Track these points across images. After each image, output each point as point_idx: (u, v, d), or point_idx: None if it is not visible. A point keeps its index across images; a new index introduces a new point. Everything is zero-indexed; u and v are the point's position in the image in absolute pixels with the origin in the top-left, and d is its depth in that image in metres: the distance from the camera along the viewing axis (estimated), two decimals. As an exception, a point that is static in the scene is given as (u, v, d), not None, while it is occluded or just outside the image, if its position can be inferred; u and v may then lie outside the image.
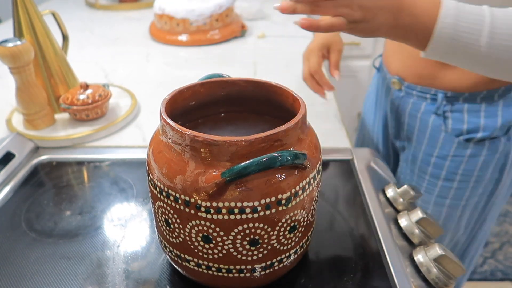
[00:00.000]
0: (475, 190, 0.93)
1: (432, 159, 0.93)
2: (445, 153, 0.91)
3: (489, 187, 0.93)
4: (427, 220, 0.64)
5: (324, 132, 0.91)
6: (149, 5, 1.92)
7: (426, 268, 0.58)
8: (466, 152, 0.88)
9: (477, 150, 0.88)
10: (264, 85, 0.57)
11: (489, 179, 0.92)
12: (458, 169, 0.91)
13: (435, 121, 0.90)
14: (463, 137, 0.87)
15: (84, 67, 1.27)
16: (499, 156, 0.88)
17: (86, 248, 0.65)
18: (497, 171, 0.90)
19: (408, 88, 0.92)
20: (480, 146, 0.87)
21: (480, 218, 0.99)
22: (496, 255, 1.93)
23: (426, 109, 0.91)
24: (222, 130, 0.60)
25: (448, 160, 0.90)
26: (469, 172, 0.90)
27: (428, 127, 0.91)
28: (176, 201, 0.47)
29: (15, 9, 0.88)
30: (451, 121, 0.88)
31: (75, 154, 0.86)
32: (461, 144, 0.88)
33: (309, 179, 0.49)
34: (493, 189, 0.94)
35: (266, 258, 0.50)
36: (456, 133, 0.88)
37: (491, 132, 0.85)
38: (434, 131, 0.91)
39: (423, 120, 0.92)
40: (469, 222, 0.99)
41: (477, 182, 0.92)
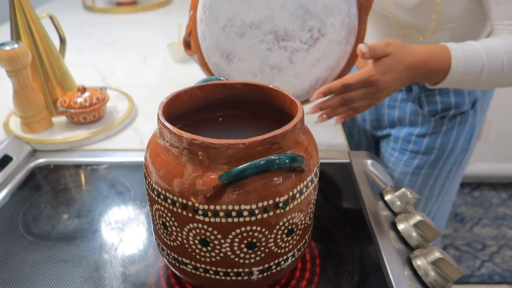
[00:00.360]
0: (448, 159, 1.04)
1: (412, 137, 1.04)
2: (424, 131, 1.02)
3: (460, 156, 1.05)
4: (424, 223, 0.64)
5: (321, 135, 0.92)
6: (146, 8, 1.92)
7: (423, 271, 0.58)
8: (442, 128, 1.00)
9: (451, 125, 1.00)
10: (262, 88, 0.57)
11: (460, 149, 1.04)
12: (435, 144, 1.02)
13: (412, 107, 1.01)
14: (439, 115, 0.99)
15: (82, 70, 1.27)
16: (468, 127, 1.01)
17: (84, 251, 0.65)
18: (467, 141, 1.04)
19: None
20: (453, 121, 0.99)
21: (451, 184, 1.11)
22: (494, 258, 1.93)
23: (403, 98, 1.02)
24: (219, 133, 0.60)
25: (426, 137, 1.02)
26: (444, 145, 1.02)
27: (407, 113, 1.02)
28: (174, 204, 0.47)
29: (13, 12, 0.88)
30: (426, 104, 0.98)
31: (72, 157, 0.86)
32: (438, 122, 1.00)
33: (307, 182, 0.49)
34: (462, 157, 1.06)
35: (264, 261, 0.50)
36: (432, 113, 0.99)
37: (461, 108, 0.98)
38: (412, 115, 1.02)
39: (401, 108, 1.03)
40: (441, 190, 1.10)
41: (450, 153, 1.03)
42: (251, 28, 0.73)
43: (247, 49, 0.75)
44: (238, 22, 0.73)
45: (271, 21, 0.73)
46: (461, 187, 2.35)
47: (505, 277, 1.84)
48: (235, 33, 0.74)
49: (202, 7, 0.74)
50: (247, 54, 0.75)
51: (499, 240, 2.03)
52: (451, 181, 1.10)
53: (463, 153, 1.05)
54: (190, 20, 0.79)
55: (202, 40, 0.75)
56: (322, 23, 0.74)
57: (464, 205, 2.25)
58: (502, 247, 1.99)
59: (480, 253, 1.96)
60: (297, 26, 0.73)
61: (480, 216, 2.18)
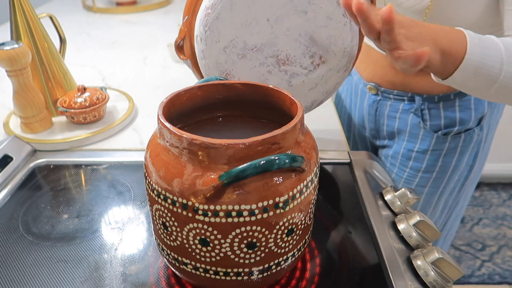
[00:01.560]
0: (451, 178, 0.99)
1: (412, 154, 0.98)
2: (425, 148, 0.96)
3: (465, 173, 0.99)
4: (424, 223, 0.64)
5: (321, 135, 0.92)
6: (146, 8, 1.92)
7: (424, 271, 0.58)
8: (445, 145, 0.94)
9: (455, 143, 0.94)
10: (262, 88, 0.57)
11: (465, 167, 0.98)
12: (437, 162, 0.96)
13: (413, 119, 0.95)
14: (441, 131, 0.93)
15: (82, 70, 1.27)
16: (473, 145, 0.95)
17: (84, 251, 0.65)
18: (472, 158, 0.97)
19: (384, 92, 0.97)
20: (457, 138, 0.93)
21: (454, 201, 1.06)
22: (494, 258, 1.93)
23: (404, 109, 0.96)
24: (219, 133, 0.60)
25: (428, 154, 0.96)
26: (447, 164, 0.96)
27: (408, 125, 0.96)
28: (174, 204, 0.47)
29: (13, 12, 0.88)
30: (429, 117, 0.93)
31: (72, 157, 0.86)
32: (440, 139, 0.93)
33: (307, 182, 0.49)
34: (467, 175, 1.01)
35: (264, 261, 0.50)
36: (434, 129, 0.93)
37: (466, 125, 0.91)
38: (413, 128, 0.96)
39: (402, 119, 0.97)
40: (445, 207, 1.06)
41: (454, 171, 0.98)
42: (253, 51, 0.73)
43: (247, 70, 0.74)
44: (240, 44, 0.72)
45: (274, 46, 0.73)
46: (461, 187, 2.35)
47: (505, 277, 1.84)
48: (236, 55, 0.73)
49: (203, 26, 0.73)
50: (247, 75, 0.75)
51: (499, 240, 2.03)
52: (456, 199, 1.06)
53: (466, 169, 0.99)
54: (184, 25, 0.78)
55: (201, 58, 0.75)
56: (324, 51, 0.73)
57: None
58: (502, 247, 1.99)
59: (480, 253, 1.96)
60: (299, 52, 0.73)
61: (480, 216, 2.18)
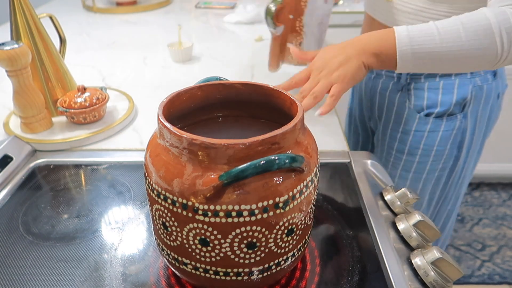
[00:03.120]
0: (435, 164, 1.02)
1: (398, 134, 1.03)
2: (408, 128, 1.00)
3: (449, 163, 1.02)
4: (424, 223, 0.64)
5: (321, 135, 0.92)
6: (146, 8, 1.92)
7: (423, 271, 0.58)
8: (426, 127, 0.98)
9: (436, 125, 0.97)
10: (262, 89, 0.57)
11: (448, 155, 1.01)
12: (419, 144, 1.00)
13: (401, 98, 1.00)
14: (423, 112, 0.97)
15: (82, 70, 1.27)
16: (456, 132, 0.97)
17: (84, 251, 0.65)
18: (455, 147, 1.00)
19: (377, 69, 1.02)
20: (439, 121, 0.96)
21: (442, 195, 1.08)
22: (494, 258, 1.93)
23: (393, 88, 1.01)
24: (219, 133, 0.60)
25: (411, 135, 1.00)
26: (429, 147, 1.00)
27: (395, 104, 1.01)
28: (174, 204, 0.47)
29: (13, 12, 0.88)
30: (413, 97, 0.97)
31: (72, 157, 0.86)
32: (422, 120, 0.98)
33: (307, 182, 0.49)
34: (452, 165, 1.03)
35: (264, 261, 0.50)
36: (417, 109, 0.98)
37: (448, 108, 0.95)
38: (399, 107, 1.01)
39: (391, 98, 1.02)
40: (432, 197, 1.08)
41: (436, 157, 1.01)
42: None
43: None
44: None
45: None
46: (461, 187, 2.35)
47: (505, 277, 1.84)
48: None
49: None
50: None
51: (499, 240, 2.03)
52: (443, 191, 1.07)
53: (451, 159, 1.01)
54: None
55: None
56: None
57: (464, 205, 2.25)
58: (502, 247, 1.99)
59: (480, 253, 1.96)
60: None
61: (480, 216, 2.18)
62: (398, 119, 1.02)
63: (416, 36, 0.70)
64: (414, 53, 0.71)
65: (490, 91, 0.96)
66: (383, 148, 1.08)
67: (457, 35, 0.69)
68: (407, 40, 0.70)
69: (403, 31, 0.71)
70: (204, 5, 1.97)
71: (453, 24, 0.70)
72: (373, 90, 1.07)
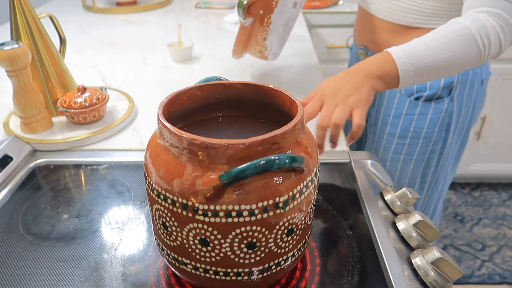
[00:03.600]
0: (424, 146, 1.07)
1: (389, 118, 1.09)
2: (399, 112, 1.06)
3: (438, 145, 1.08)
4: (424, 223, 0.64)
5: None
6: (146, 8, 1.92)
7: (423, 271, 0.58)
8: (416, 110, 1.04)
9: (425, 109, 1.03)
10: (262, 89, 0.57)
11: (437, 137, 1.06)
12: (409, 127, 1.06)
13: None
14: (414, 96, 1.03)
15: (82, 70, 1.27)
16: (443, 115, 1.03)
17: (84, 251, 0.65)
18: (443, 130, 1.06)
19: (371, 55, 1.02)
20: (427, 105, 1.03)
21: (434, 178, 1.13)
22: (494, 258, 1.93)
23: None
24: (219, 133, 0.60)
25: (401, 118, 1.06)
26: (418, 130, 1.05)
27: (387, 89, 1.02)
28: (174, 204, 0.47)
29: (13, 12, 0.88)
30: None
31: (72, 157, 0.86)
32: (412, 103, 1.04)
33: (307, 182, 0.49)
34: (442, 148, 1.08)
35: (264, 261, 0.50)
36: (408, 93, 1.04)
37: (436, 91, 1.01)
38: (391, 92, 1.07)
39: None
40: (424, 181, 1.13)
41: (426, 139, 1.06)
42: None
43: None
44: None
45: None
46: (461, 187, 2.35)
47: (505, 277, 1.84)
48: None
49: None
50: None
51: (499, 240, 2.03)
52: (434, 174, 1.12)
53: (440, 142, 1.07)
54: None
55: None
56: None
57: (464, 205, 2.25)
58: (502, 247, 1.99)
59: (480, 253, 1.96)
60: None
61: (480, 216, 2.18)
62: (390, 103, 1.08)
63: (413, 54, 0.75)
64: (415, 70, 0.75)
65: (475, 76, 1.03)
66: (375, 133, 1.14)
67: (447, 46, 0.74)
68: (405, 60, 0.75)
69: (398, 52, 0.76)
70: (204, 5, 1.97)
71: (438, 37, 0.75)
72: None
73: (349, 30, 1.41)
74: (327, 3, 1.88)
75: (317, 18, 1.87)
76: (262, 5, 0.87)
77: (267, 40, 0.96)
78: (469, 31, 0.75)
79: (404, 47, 0.76)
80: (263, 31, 0.92)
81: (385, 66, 0.76)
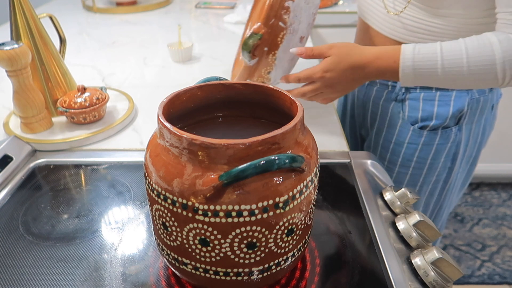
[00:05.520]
0: (428, 177, 1.00)
1: (390, 145, 1.00)
2: (401, 140, 0.98)
3: (443, 175, 1.00)
4: (424, 223, 0.64)
5: (321, 135, 0.92)
6: (146, 8, 1.92)
7: (423, 271, 0.58)
8: (420, 140, 0.96)
9: (430, 138, 0.95)
10: (262, 89, 0.57)
11: (442, 167, 0.99)
12: (413, 156, 0.98)
13: (395, 108, 0.97)
14: (418, 125, 0.95)
15: (82, 70, 1.27)
16: (450, 145, 0.95)
17: (84, 251, 0.65)
18: (449, 160, 0.98)
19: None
20: (433, 134, 0.94)
21: (437, 205, 1.06)
22: (494, 258, 1.93)
23: (387, 97, 0.99)
24: (219, 133, 0.60)
25: (404, 147, 0.98)
26: (422, 160, 0.98)
27: (388, 114, 0.99)
28: (174, 204, 0.47)
29: (13, 12, 0.88)
30: (408, 108, 0.95)
31: (72, 157, 0.86)
32: (416, 132, 0.95)
33: (307, 182, 0.49)
34: (446, 177, 1.01)
35: (264, 261, 0.50)
36: (412, 121, 0.95)
37: (443, 121, 0.93)
38: (393, 118, 0.99)
39: (384, 107, 1.00)
40: (426, 210, 1.06)
41: (430, 169, 0.99)
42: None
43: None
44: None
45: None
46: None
47: (505, 277, 1.84)
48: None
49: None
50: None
51: (499, 240, 2.03)
52: (438, 203, 1.06)
53: (445, 171, 1.00)
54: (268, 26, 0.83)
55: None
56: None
57: (464, 205, 2.25)
58: (502, 247, 1.99)
59: (480, 253, 1.96)
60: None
61: (480, 216, 2.18)
62: (391, 129, 1.00)
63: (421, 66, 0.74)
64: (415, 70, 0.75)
65: (486, 102, 0.95)
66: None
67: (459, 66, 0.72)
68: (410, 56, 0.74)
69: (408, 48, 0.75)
70: (204, 5, 1.97)
71: (458, 52, 0.72)
72: (366, 98, 1.05)
73: (349, 30, 1.41)
74: (327, 3, 1.88)
75: (317, 18, 1.86)
76: (267, 43, 0.84)
77: (271, 73, 0.93)
78: (492, 58, 0.70)
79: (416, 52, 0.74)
80: (268, 66, 0.90)
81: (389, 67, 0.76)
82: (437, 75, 0.74)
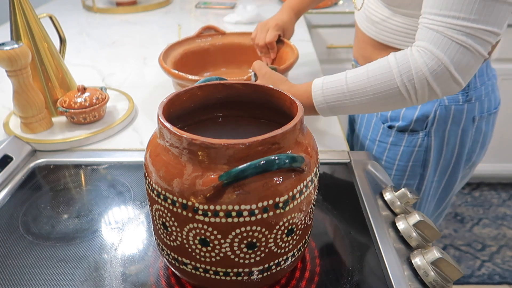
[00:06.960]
0: (397, 179, 1.01)
1: (366, 141, 1.03)
2: (374, 137, 1.02)
3: (414, 180, 1.01)
4: (424, 223, 0.64)
5: (321, 135, 0.92)
6: (146, 8, 1.92)
7: (423, 271, 0.58)
8: (389, 139, 0.98)
9: (398, 139, 0.97)
10: (262, 89, 0.57)
11: (411, 172, 1.00)
12: (382, 155, 1.00)
13: None
14: (387, 124, 0.98)
15: (82, 70, 1.27)
16: (418, 149, 0.96)
17: (84, 251, 0.65)
18: (419, 166, 0.98)
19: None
20: (400, 135, 0.96)
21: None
22: (494, 258, 1.93)
23: None
24: (219, 133, 0.60)
25: (375, 144, 1.00)
26: (390, 160, 1.00)
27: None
28: (174, 204, 0.47)
29: (12, 12, 0.88)
30: None
31: (72, 157, 0.86)
32: (385, 131, 0.98)
33: (307, 182, 0.49)
34: (419, 184, 1.01)
35: (264, 261, 0.50)
36: (382, 120, 0.99)
37: (408, 123, 0.94)
38: (370, 114, 1.02)
39: None
40: None
41: (399, 171, 1.00)
42: None
43: None
44: None
45: None
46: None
47: (505, 277, 1.84)
48: None
49: None
50: None
51: (499, 240, 2.03)
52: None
53: (417, 178, 1.00)
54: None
55: None
56: None
57: (464, 205, 2.25)
58: (502, 247, 1.99)
59: (480, 253, 1.96)
60: None
61: (480, 216, 2.18)
62: (368, 126, 1.03)
63: (331, 97, 0.74)
64: (328, 104, 0.75)
65: (461, 113, 0.92)
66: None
67: (363, 88, 0.71)
68: (320, 92, 0.74)
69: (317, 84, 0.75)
70: (204, 5, 1.97)
71: (360, 75, 0.72)
72: None
73: (349, 30, 1.41)
74: (327, 3, 1.88)
75: (317, 18, 1.86)
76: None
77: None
78: (391, 75, 0.69)
79: (325, 84, 0.74)
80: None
81: (306, 105, 0.75)
82: (346, 101, 0.73)
